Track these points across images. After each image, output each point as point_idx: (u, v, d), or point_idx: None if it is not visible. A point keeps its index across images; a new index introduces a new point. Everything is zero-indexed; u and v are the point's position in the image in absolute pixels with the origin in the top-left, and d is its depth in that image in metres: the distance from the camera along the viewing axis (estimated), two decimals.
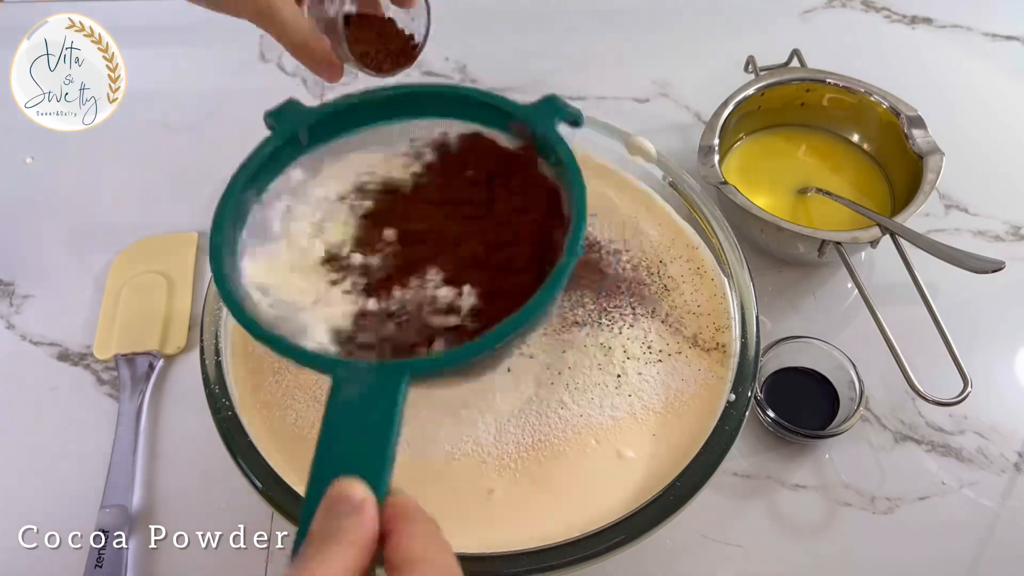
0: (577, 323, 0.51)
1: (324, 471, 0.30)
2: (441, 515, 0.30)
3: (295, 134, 0.41)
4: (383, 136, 0.43)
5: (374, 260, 0.40)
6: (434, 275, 0.39)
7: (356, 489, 0.29)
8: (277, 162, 0.41)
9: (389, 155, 0.43)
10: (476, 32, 0.85)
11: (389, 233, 0.41)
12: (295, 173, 0.42)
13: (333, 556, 0.27)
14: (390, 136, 0.43)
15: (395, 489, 0.30)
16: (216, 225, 0.38)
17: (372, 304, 0.39)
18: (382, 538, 0.29)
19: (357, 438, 0.31)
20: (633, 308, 0.52)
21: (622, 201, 0.57)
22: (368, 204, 0.42)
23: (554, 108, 0.38)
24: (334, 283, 0.40)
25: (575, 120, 0.39)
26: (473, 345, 0.33)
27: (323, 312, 0.39)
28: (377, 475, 0.29)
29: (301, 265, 0.40)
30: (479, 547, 0.42)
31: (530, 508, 0.45)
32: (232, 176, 0.39)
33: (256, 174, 0.40)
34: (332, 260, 0.40)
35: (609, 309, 0.52)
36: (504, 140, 0.41)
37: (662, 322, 0.51)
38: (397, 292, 0.39)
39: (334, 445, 0.31)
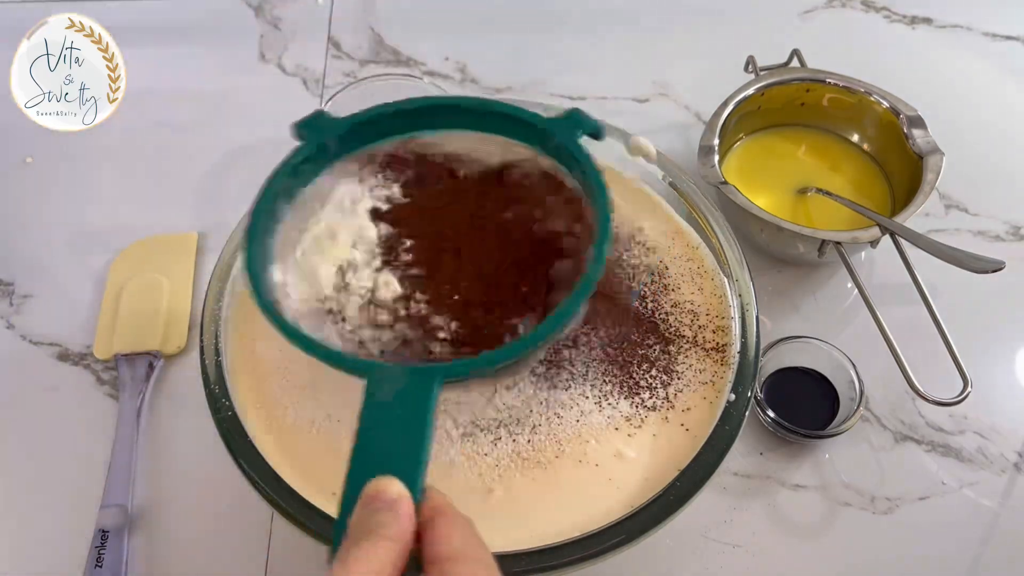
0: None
1: (360, 471, 0.31)
2: None
3: (324, 144, 0.42)
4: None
5: (396, 271, 0.41)
6: (454, 287, 0.40)
7: (392, 487, 0.30)
8: (308, 171, 0.42)
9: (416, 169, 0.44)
10: (476, 32, 0.85)
11: (411, 244, 0.42)
12: (324, 182, 0.43)
13: (371, 551, 0.28)
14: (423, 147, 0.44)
15: (430, 487, 0.31)
16: (250, 232, 0.39)
17: (394, 311, 0.40)
18: (418, 536, 0.29)
19: (391, 440, 0.32)
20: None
21: (622, 201, 0.57)
22: (391, 214, 0.43)
23: (576, 121, 0.40)
24: (361, 288, 0.41)
25: (596, 133, 0.40)
26: (498, 352, 0.35)
27: (348, 316, 0.40)
28: (412, 475, 0.30)
29: (327, 272, 0.41)
30: None
31: (530, 508, 0.45)
32: (264, 185, 0.40)
33: (288, 183, 0.41)
34: (355, 269, 0.41)
35: None
36: (528, 152, 0.43)
37: (662, 322, 0.51)
38: (419, 301, 0.40)
39: (369, 446, 0.32)
